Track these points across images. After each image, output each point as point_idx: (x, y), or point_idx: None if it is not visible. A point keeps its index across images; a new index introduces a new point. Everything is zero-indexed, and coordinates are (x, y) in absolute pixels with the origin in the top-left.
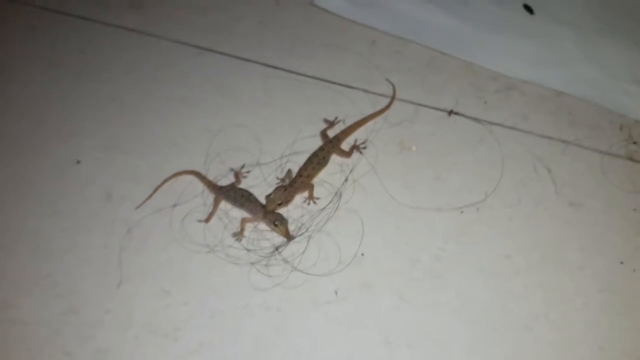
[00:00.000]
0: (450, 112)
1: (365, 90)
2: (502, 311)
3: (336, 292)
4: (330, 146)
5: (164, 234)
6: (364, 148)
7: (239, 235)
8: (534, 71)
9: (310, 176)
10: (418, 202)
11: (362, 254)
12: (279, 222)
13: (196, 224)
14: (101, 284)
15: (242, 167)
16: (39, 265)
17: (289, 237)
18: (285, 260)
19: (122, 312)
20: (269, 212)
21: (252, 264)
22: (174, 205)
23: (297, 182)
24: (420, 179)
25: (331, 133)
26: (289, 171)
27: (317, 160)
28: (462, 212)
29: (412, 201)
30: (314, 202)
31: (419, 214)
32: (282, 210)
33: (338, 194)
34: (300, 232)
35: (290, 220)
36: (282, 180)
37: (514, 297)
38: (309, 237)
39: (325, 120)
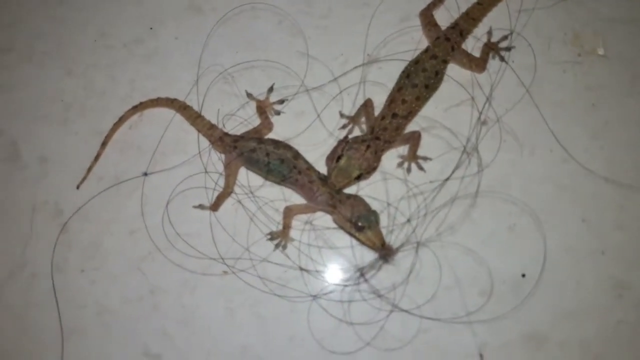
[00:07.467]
0: None
1: None
2: None
3: (481, 355)
4: (444, 48)
5: (130, 232)
6: (508, 50)
7: (282, 237)
8: None
9: (412, 113)
10: (622, 170)
11: (524, 275)
12: (364, 222)
13: (193, 213)
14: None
15: (271, 90)
16: None
17: (385, 250)
18: (376, 293)
19: None
20: (337, 193)
21: (314, 297)
22: (145, 174)
23: (389, 129)
24: (619, 120)
25: (442, 18)
26: (367, 103)
27: (421, 80)
28: None
29: (609, 167)
30: (421, 168)
31: (625, 193)
32: (364, 189)
33: (470, 151)
34: (403, 239)
35: (379, 210)
36: (352, 121)
37: None
38: (418, 244)
39: None
